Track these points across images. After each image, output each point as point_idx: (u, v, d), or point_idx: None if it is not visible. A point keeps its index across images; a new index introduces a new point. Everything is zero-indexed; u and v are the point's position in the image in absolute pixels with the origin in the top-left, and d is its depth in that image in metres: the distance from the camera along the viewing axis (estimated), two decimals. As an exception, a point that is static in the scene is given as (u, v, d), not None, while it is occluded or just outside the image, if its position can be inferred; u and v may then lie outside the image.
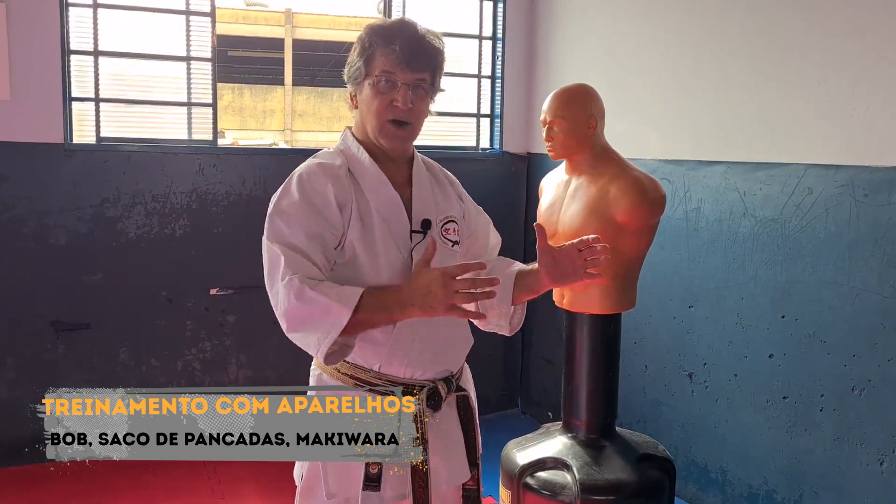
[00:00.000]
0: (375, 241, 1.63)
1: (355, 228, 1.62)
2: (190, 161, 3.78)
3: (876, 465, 2.57)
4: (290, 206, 1.60)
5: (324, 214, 1.59)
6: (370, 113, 1.66)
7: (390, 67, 1.63)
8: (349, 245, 1.62)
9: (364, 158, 1.68)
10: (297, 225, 1.57)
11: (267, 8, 15.54)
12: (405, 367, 1.66)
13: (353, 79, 1.68)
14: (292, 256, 1.53)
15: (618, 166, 2.24)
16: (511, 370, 4.56)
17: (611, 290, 2.25)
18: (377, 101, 1.64)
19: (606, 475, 2.19)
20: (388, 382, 1.64)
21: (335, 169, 1.65)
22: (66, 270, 3.63)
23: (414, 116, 1.67)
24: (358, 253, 1.62)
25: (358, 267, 1.62)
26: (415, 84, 1.66)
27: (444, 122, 4.46)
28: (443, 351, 1.71)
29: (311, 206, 1.59)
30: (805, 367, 2.80)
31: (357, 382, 1.66)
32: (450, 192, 1.82)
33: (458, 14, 4.37)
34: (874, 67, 2.54)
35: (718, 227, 3.13)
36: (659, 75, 3.44)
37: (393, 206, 1.67)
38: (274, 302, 1.56)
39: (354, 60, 1.67)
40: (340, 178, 1.64)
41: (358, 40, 1.68)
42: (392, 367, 1.66)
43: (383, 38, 1.64)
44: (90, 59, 3.64)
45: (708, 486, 3.22)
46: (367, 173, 1.67)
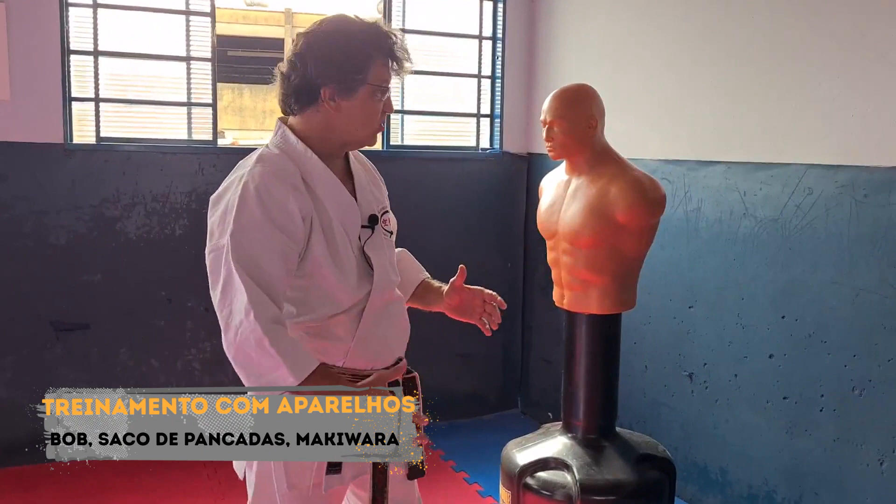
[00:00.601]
0: (338, 248, 1.65)
1: (318, 239, 1.63)
2: (190, 161, 3.78)
3: (876, 466, 2.57)
4: (251, 223, 1.56)
5: (288, 230, 1.58)
6: (366, 118, 1.67)
7: (388, 77, 1.67)
8: (312, 255, 1.62)
9: (315, 162, 1.66)
10: (261, 248, 1.55)
11: (267, 8, 15.52)
12: (367, 361, 1.72)
13: (340, 81, 1.63)
14: (256, 293, 1.52)
15: (618, 166, 2.24)
16: (511, 370, 4.56)
17: (611, 290, 2.25)
18: (375, 108, 1.67)
19: (606, 475, 2.19)
20: (351, 376, 1.67)
21: (291, 177, 1.61)
22: (66, 270, 3.63)
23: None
24: (321, 262, 1.63)
25: (317, 280, 1.64)
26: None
27: (444, 122, 4.46)
28: (397, 342, 1.80)
29: (274, 223, 1.56)
30: (805, 368, 2.80)
31: None
32: (376, 179, 1.86)
33: (457, 14, 4.36)
34: (874, 68, 2.54)
35: (718, 227, 3.13)
36: (659, 75, 3.44)
37: (349, 210, 1.69)
38: (223, 322, 1.56)
39: (345, 63, 1.63)
40: (298, 188, 1.61)
41: (351, 43, 1.64)
42: (356, 361, 1.71)
43: (383, 49, 1.65)
44: (90, 59, 3.64)
45: (708, 486, 3.22)
46: (320, 178, 1.66)
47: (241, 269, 1.54)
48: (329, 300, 1.67)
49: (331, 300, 1.67)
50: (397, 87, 4.24)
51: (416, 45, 4.29)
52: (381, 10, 4.25)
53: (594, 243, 2.20)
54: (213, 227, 1.61)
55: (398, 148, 4.26)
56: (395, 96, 4.22)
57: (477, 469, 3.70)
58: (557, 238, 2.30)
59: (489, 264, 4.41)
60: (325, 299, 1.67)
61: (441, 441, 4.07)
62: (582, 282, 2.25)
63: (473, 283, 2.08)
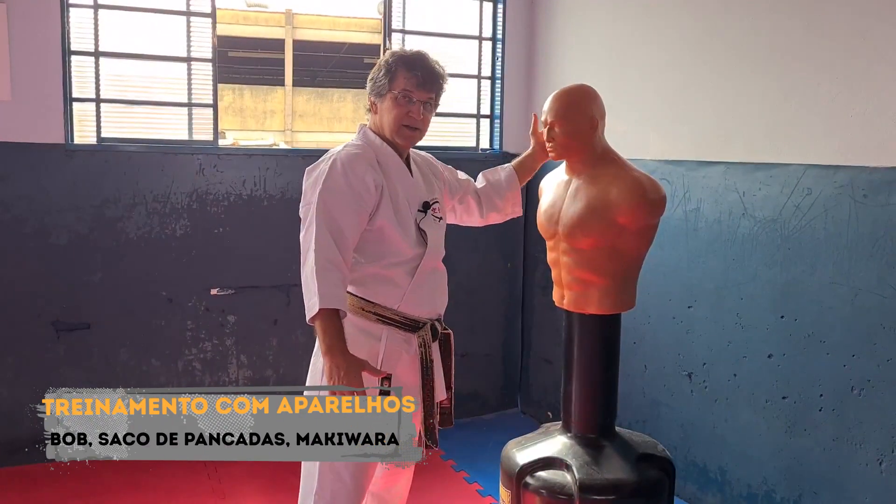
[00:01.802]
0: (402, 214, 2.14)
1: (387, 204, 2.11)
2: (190, 161, 3.79)
3: (875, 465, 2.57)
4: (336, 187, 2.05)
5: (362, 196, 2.07)
6: (390, 119, 2.16)
7: (410, 87, 2.15)
8: (379, 218, 2.10)
9: (388, 150, 2.18)
10: (339, 207, 2.04)
11: (267, 9, 15.53)
12: (417, 308, 2.18)
13: (376, 91, 2.19)
14: (327, 239, 2.00)
15: (618, 167, 2.24)
16: (511, 370, 4.56)
17: (611, 290, 2.25)
18: (397, 111, 2.15)
19: (606, 475, 2.19)
20: (404, 318, 2.16)
21: (369, 158, 2.12)
22: (67, 270, 3.64)
23: (423, 124, 2.20)
24: (387, 225, 2.11)
25: (386, 235, 2.12)
26: (426, 101, 2.19)
27: (445, 123, 4.46)
28: (440, 297, 2.29)
29: (352, 188, 2.06)
30: (804, 368, 2.80)
31: (379, 318, 2.14)
32: (432, 177, 2.35)
33: (457, 15, 4.37)
34: (874, 68, 2.55)
35: (718, 227, 3.13)
36: (659, 75, 3.44)
37: (411, 189, 2.20)
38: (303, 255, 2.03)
39: (380, 77, 2.17)
40: (374, 166, 2.12)
41: (384, 63, 2.18)
42: (408, 307, 2.17)
43: (406, 64, 2.16)
44: (91, 60, 3.65)
45: (707, 485, 3.22)
46: (391, 162, 2.18)
47: (322, 219, 2.02)
48: (392, 251, 2.14)
49: (394, 251, 2.14)
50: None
51: (417, 46, 4.29)
52: (381, 10, 4.26)
53: (594, 243, 2.20)
54: (306, 189, 2.11)
55: (398, 148, 4.26)
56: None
57: (477, 468, 3.70)
58: (557, 238, 2.30)
59: (489, 264, 4.41)
60: (390, 250, 2.14)
61: (441, 441, 4.06)
62: (582, 282, 2.25)
63: (473, 283, 2.16)
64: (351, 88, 16.42)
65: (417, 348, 2.18)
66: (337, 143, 2.25)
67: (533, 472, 2.26)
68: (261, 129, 16.13)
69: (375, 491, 2.32)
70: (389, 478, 2.31)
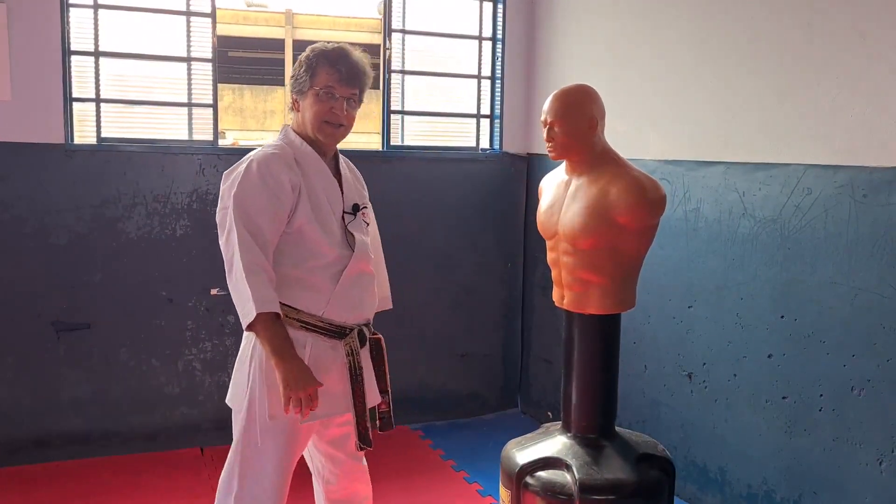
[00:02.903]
0: (322, 214, 2.09)
1: (304, 206, 2.06)
2: (190, 161, 3.79)
3: (875, 466, 2.57)
4: (252, 188, 2.02)
5: (279, 196, 2.03)
6: (312, 116, 2.11)
7: (332, 83, 2.10)
8: (298, 219, 2.06)
9: (307, 150, 2.14)
10: (256, 207, 2.01)
11: (267, 9, 15.54)
12: (343, 314, 2.13)
13: (297, 88, 2.14)
14: (248, 241, 1.98)
15: (618, 167, 2.24)
16: (511, 370, 4.56)
17: (610, 290, 2.25)
18: (318, 107, 2.10)
19: (606, 475, 2.19)
20: (329, 325, 2.11)
21: (286, 158, 2.09)
22: (67, 270, 3.64)
23: (347, 120, 2.14)
24: (306, 225, 2.06)
25: (305, 235, 2.07)
26: (349, 97, 2.13)
27: (444, 123, 4.46)
28: (368, 302, 2.22)
29: (268, 189, 2.03)
30: (804, 368, 2.80)
31: (302, 325, 2.09)
32: (361, 181, 2.35)
33: (457, 15, 4.37)
34: (874, 68, 2.55)
35: (718, 227, 3.13)
36: (659, 75, 3.44)
37: (333, 189, 2.15)
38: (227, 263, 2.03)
39: (301, 74, 2.12)
40: (291, 166, 2.08)
41: (304, 59, 2.13)
42: (333, 313, 2.11)
43: (328, 60, 2.11)
44: (91, 60, 3.65)
45: (707, 485, 3.22)
46: (311, 162, 2.13)
47: (241, 223, 1.99)
48: (313, 253, 2.08)
49: (315, 253, 2.08)
50: (398, 85, 4.25)
51: (417, 46, 4.30)
52: (381, 10, 4.26)
53: (594, 243, 2.20)
54: (223, 192, 2.08)
55: (398, 148, 4.27)
56: (395, 95, 4.24)
57: (477, 468, 3.70)
58: (557, 238, 2.30)
59: (489, 264, 4.41)
60: (310, 252, 2.08)
61: (441, 440, 4.08)
62: (582, 282, 2.25)
63: (473, 283, 2.15)
64: (351, 88, 16.37)
65: (345, 356, 2.13)
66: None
67: (533, 472, 2.26)
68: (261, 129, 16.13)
69: (335, 497, 2.33)
70: (346, 484, 2.32)
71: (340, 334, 2.13)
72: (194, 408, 3.88)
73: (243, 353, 2.19)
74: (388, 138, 4.25)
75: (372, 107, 6.36)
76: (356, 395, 2.14)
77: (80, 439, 3.71)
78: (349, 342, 2.13)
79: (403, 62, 4.24)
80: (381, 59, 4.27)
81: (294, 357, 2.01)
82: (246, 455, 2.13)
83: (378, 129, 4.46)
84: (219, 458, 2.29)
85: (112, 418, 3.75)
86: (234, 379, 2.22)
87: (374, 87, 2.46)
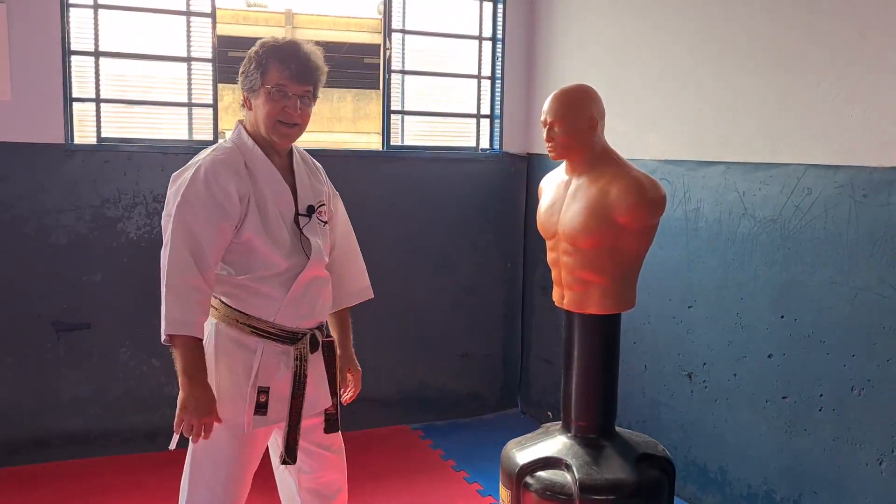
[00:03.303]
0: (271, 225, 2.02)
1: (253, 216, 1.99)
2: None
3: (875, 465, 2.57)
4: (196, 198, 1.95)
5: (224, 207, 1.96)
6: (265, 115, 2.03)
7: (284, 81, 2.01)
8: (246, 230, 1.99)
9: (258, 154, 2.05)
10: (197, 219, 1.94)
11: (267, 9, 15.53)
12: (295, 320, 2.07)
13: (248, 85, 2.05)
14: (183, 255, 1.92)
15: (618, 167, 2.24)
16: (511, 370, 4.56)
17: (610, 290, 2.25)
18: (270, 106, 2.02)
19: (606, 475, 2.19)
20: (281, 331, 2.06)
21: (235, 164, 2.01)
22: (67, 270, 3.64)
23: (302, 119, 2.06)
24: (255, 237, 2.00)
25: (254, 247, 2.01)
26: (302, 95, 2.04)
27: (444, 123, 4.46)
28: (320, 307, 2.15)
29: (214, 199, 1.95)
30: (804, 368, 2.80)
31: (254, 331, 2.04)
32: (319, 178, 2.24)
33: (457, 15, 4.37)
34: (874, 68, 2.55)
35: (718, 227, 3.13)
36: (659, 75, 3.44)
37: (284, 195, 2.07)
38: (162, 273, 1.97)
39: (251, 71, 2.03)
40: (240, 173, 2.00)
41: (254, 55, 2.04)
42: (285, 319, 2.06)
43: (278, 56, 2.02)
44: (91, 60, 3.65)
45: (707, 485, 3.22)
46: (261, 167, 2.04)
47: (179, 235, 1.93)
48: (263, 264, 2.02)
49: (265, 263, 2.02)
50: (398, 85, 4.25)
51: (417, 46, 4.30)
52: (381, 10, 4.25)
53: (594, 243, 2.20)
54: (169, 198, 2.00)
55: (398, 148, 4.27)
56: (395, 95, 4.24)
57: (477, 468, 3.70)
58: (557, 238, 2.30)
59: (489, 264, 4.41)
60: (260, 263, 2.02)
61: (441, 440, 4.08)
62: (582, 282, 2.25)
63: (473, 283, 2.14)
64: (351, 88, 16.42)
65: (293, 361, 2.08)
66: (337, 143, 2.22)
67: (533, 472, 2.26)
68: (261, 129, 16.09)
69: (310, 486, 2.26)
70: (320, 473, 2.26)
71: (292, 340, 2.08)
72: (194, 408, 3.87)
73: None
74: (388, 138, 4.25)
75: (372, 107, 6.35)
76: (293, 404, 2.08)
77: (80, 439, 3.70)
78: (300, 348, 2.09)
79: (403, 62, 4.24)
80: (381, 59, 4.27)
81: (202, 384, 1.95)
82: (198, 460, 2.09)
83: (378, 129, 4.46)
84: (219, 458, 2.28)
85: (112, 418, 3.75)
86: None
87: (374, 87, 2.45)
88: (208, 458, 2.07)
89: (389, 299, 3.73)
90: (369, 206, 3.99)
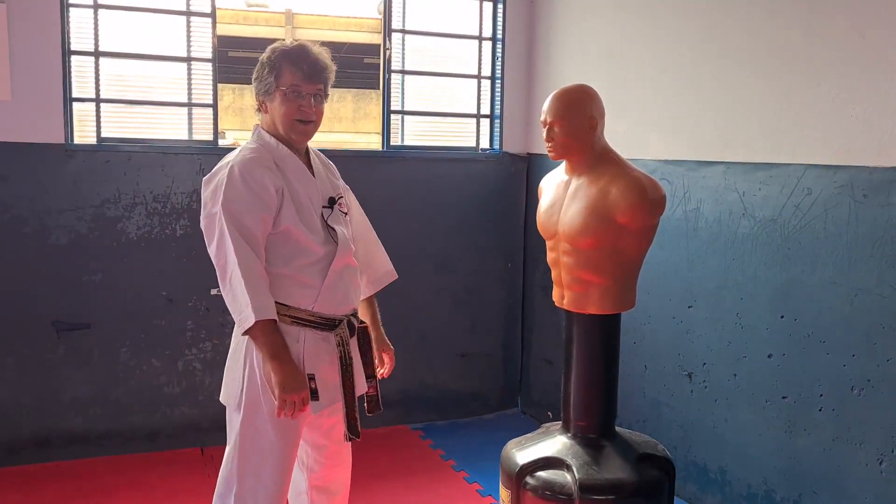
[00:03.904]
0: (305, 215, 2.13)
1: (288, 206, 2.10)
2: (191, 161, 3.79)
3: (875, 465, 2.57)
4: (238, 195, 2.05)
5: (264, 200, 2.07)
6: (282, 116, 2.14)
7: (297, 81, 2.12)
8: (284, 221, 2.09)
9: (284, 151, 2.17)
10: (245, 213, 2.05)
11: (267, 9, 15.53)
12: (332, 307, 2.18)
13: (263, 90, 2.16)
14: (243, 246, 2.02)
15: (618, 167, 2.24)
16: (511, 370, 4.57)
17: (610, 290, 2.25)
18: (287, 107, 2.13)
19: (606, 475, 2.19)
20: (320, 318, 2.16)
21: (266, 161, 2.12)
22: (67, 270, 3.64)
23: (317, 116, 2.18)
24: (292, 227, 2.10)
25: (291, 236, 2.11)
26: (315, 93, 2.16)
27: (444, 123, 4.47)
28: (353, 294, 2.27)
29: (254, 194, 2.06)
30: (804, 368, 2.80)
31: (294, 321, 2.13)
32: (334, 174, 2.36)
33: (457, 15, 4.37)
34: (874, 68, 2.55)
35: (718, 227, 3.13)
36: (659, 76, 3.44)
37: (312, 187, 2.19)
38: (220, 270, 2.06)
39: (265, 76, 2.14)
40: (272, 169, 2.11)
41: (266, 60, 2.15)
42: (323, 306, 2.16)
43: (290, 58, 2.13)
44: (91, 60, 3.65)
45: (707, 485, 3.22)
46: (288, 163, 2.16)
47: (234, 229, 2.02)
48: (302, 252, 2.12)
49: (304, 252, 2.12)
50: (398, 85, 4.25)
51: (417, 46, 4.30)
52: (381, 10, 4.26)
53: (594, 244, 2.20)
54: (206, 200, 2.10)
55: (398, 148, 4.27)
56: (395, 95, 4.24)
57: (477, 468, 3.71)
58: (557, 238, 2.30)
59: (489, 264, 4.41)
60: (299, 251, 2.12)
61: (441, 440, 4.08)
62: (582, 282, 2.26)
63: (473, 283, 2.14)
64: (351, 88, 16.43)
65: (336, 347, 2.18)
66: (337, 143, 2.24)
67: (533, 472, 2.26)
68: (261, 129, 16.10)
69: (318, 484, 2.35)
70: (329, 470, 2.36)
71: (331, 326, 2.18)
72: (194, 407, 3.88)
73: (236, 351, 2.21)
74: (388, 138, 4.25)
75: (372, 107, 6.35)
76: (346, 385, 2.19)
77: (81, 439, 3.71)
78: (340, 333, 2.18)
79: (403, 62, 4.24)
80: (381, 59, 4.27)
81: (290, 361, 2.06)
82: (245, 452, 2.16)
83: (378, 129, 4.46)
84: (219, 457, 2.29)
85: (112, 418, 3.75)
86: (228, 377, 2.23)
87: (374, 87, 2.47)
88: (255, 450, 2.15)
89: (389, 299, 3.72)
90: (369, 206, 3.94)
